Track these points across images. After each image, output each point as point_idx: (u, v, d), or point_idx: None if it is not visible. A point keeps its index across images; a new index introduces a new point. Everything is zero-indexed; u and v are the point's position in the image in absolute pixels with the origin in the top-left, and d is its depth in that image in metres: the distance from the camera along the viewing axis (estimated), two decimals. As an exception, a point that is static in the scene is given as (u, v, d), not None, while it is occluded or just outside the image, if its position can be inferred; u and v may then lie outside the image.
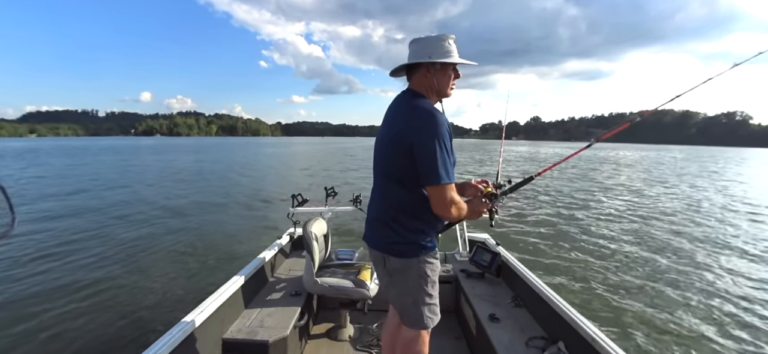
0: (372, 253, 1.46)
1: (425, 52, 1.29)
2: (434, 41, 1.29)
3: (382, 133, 1.37)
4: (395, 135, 1.27)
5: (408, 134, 1.23)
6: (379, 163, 1.37)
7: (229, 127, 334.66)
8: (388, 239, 1.34)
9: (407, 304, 1.39)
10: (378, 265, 1.44)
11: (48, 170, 17.82)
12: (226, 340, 1.85)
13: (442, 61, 1.28)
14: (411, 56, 1.32)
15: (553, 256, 5.49)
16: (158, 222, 7.22)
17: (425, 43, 1.30)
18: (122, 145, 57.23)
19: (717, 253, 5.81)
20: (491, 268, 2.55)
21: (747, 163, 35.81)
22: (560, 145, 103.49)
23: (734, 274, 4.95)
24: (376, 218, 1.40)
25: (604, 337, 1.52)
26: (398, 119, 1.30)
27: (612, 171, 21.96)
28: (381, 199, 1.38)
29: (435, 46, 1.29)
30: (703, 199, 11.73)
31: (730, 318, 3.70)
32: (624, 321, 3.57)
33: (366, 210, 1.75)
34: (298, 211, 3.01)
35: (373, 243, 1.42)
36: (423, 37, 1.32)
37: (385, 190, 1.35)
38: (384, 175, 1.35)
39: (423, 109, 1.25)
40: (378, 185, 1.40)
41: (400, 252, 1.33)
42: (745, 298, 4.17)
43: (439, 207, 1.26)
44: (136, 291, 4.00)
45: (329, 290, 2.18)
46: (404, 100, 1.33)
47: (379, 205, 1.39)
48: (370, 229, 1.45)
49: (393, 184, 1.32)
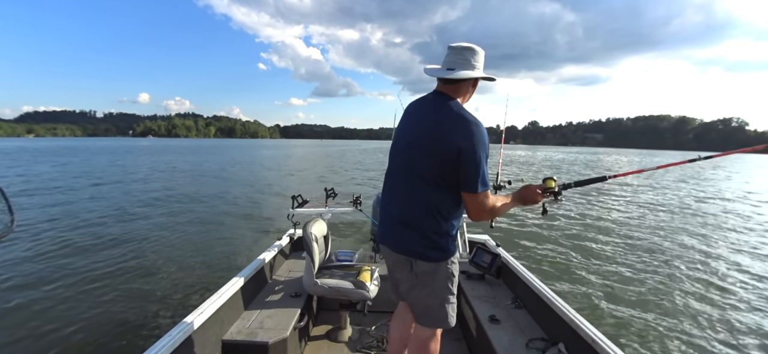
0: (392, 255, 1.41)
1: (481, 65, 1.34)
2: (483, 56, 1.35)
3: (416, 134, 1.32)
4: (439, 138, 1.25)
5: (457, 140, 1.22)
6: (410, 164, 1.32)
7: (228, 129, 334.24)
8: (419, 243, 1.32)
9: (434, 305, 1.38)
10: (401, 269, 1.39)
11: (47, 170, 17.70)
12: (226, 341, 1.84)
13: (483, 77, 1.35)
14: (469, 66, 1.30)
15: (553, 257, 5.50)
16: (157, 223, 7.18)
17: (481, 57, 1.33)
18: (116, 146, 56.98)
19: (718, 254, 5.83)
20: (491, 270, 2.55)
21: (746, 168, 36.08)
22: (557, 150, 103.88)
23: (735, 274, 4.98)
24: (399, 220, 1.36)
25: (605, 339, 1.52)
26: (442, 123, 1.27)
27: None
28: (409, 201, 1.33)
29: (482, 60, 1.35)
30: (703, 201, 11.81)
31: (731, 318, 3.72)
32: (624, 322, 3.58)
33: (371, 211, 1.76)
34: (298, 212, 3.00)
35: (397, 246, 1.37)
36: (477, 48, 1.33)
37: (417, 191, 1.31)
38: (416, 176, 1.31)
39: (472, 119, 1.26)
40: (404, 186, 1.35)
41: (432, 256, 1.32)
42: (745, 299, 4.20)
43: (479, 212, 1.29)
44: (134, 293, 3.97)
45: (329, 291, 2.18)
46: (445, 105, 1.30)
47: (405, 206, 1.34)
48: (390, 231, 1.40)
49: (426, 186, 1.29)
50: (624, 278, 4.73)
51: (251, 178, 15.98)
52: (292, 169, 21.29)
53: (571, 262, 5.28)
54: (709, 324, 3.63)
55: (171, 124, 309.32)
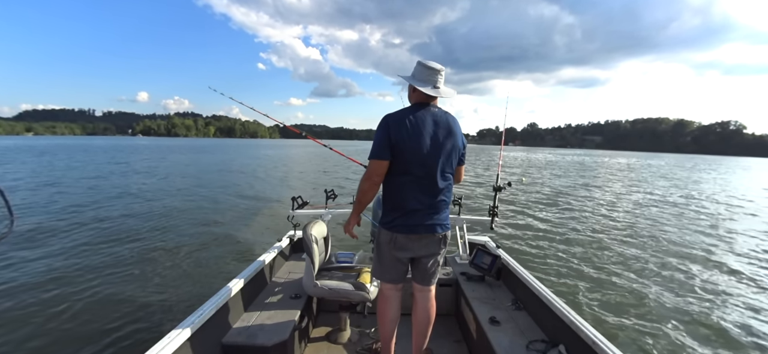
0: (432, 237, 1.73)
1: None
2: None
3: (444, 139, 1.66)
4: (459, 143, 1.73)
5: (463, 141, 1.77)
6: (438, 162, 1.66)
7: (227, 129, 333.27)
8: (447, 220, 1.76)
9: (440, 264, 1.85)
10: (435, 245, 1.75)
11: (45, 170, 17.64)
12: (226, 344, 1.83)
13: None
14: (446, 88, 1.72)
15: (554, 258, 5.51)
16: (156, 224, 7.16)
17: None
18: (114, 146, 56.82)
19: (718, 256, 5.84)
20: (491, 271, 2.56)
21: (746, 171, 36.19)
22: (554, 152, 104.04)
23: (735, 276, 4.99)
24: (430, 206, 1.69)
25: (605, 340, 1.53)
26: (457, 131, 1.72)
27: (612, 175, 22.12)
28: (438, 189, 1.69)
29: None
30: (704, 204, 11.84)
31: (731, 319, 3.72)
32: (625, 323, 3.58)
33: (371, 213, 1.79)
34: (298, 214, 3.00)
35: (433, 228, 1.71)
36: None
37: (442, 182, 1.69)
38: (443, 171, 1.69)
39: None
40: (430, 181, 1.67)
41: (450, 225, 1.81)
42: (746, 300, 4.21)
43: (462, 176, 1.91)
44: (132, 295, 3.94)
45: (329, 293, 2.18)
46: (448, 115, 1.72)
47: (441, 194, 1.70)
48: (427, 219, 1.69)
49: (447, 178, 1.73)
50: (624, 279, 4.74)
51: (250, 179, 15.96)
52: (292, 170, 21.27)
53: (571, 264, 5.28)
54: (710, 325, 3.64)
55: (170, 123, 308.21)
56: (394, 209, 1.69)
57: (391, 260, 1.76)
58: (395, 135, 1.60)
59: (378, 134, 1.63)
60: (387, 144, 1.60)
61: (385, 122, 1.63)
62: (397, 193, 1.68)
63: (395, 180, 1.66)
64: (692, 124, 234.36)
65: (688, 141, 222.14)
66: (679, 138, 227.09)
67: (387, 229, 1.72)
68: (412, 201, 1.66)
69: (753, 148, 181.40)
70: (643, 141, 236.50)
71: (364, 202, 1.75)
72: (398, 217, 1.68)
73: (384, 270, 1.81)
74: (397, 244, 1.71)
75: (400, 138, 1.60)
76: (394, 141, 1.60)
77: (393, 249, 1.73)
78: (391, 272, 1.80)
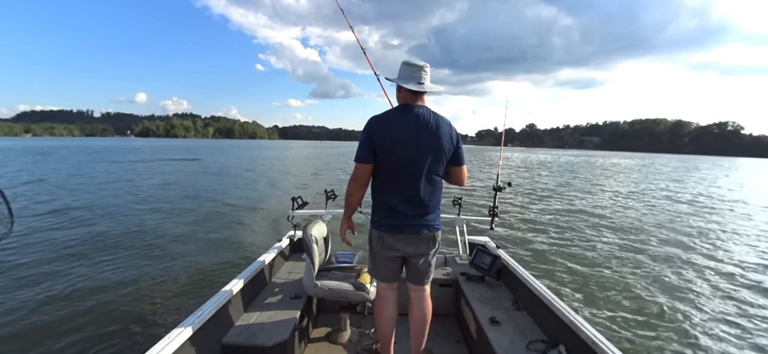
0: (418, 237, 1.71)
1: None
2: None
3: (429, 139, 1.61)
4: (447, 143, 1.65)
5: (456, 140, 1.70)
6: (423, 162, 1.63)
7: (226, 130, 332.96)
8: (435, 221, 1.74)
9: (432, 265, 1.82)
10: (423, 245, 1.74)
11: (45, 170, 17.59)
12: (226, 344, 1.82)
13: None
14: (431, 84, 1.68)
15: (554, 259, 5.51)
16: (155, 225, 7.15)
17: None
18: (112, 147, 56.70)
19: (719, 257, 5.86)
20: (491, 271, 2.56)
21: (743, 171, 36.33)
22: (553, 152, 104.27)
23: (735, 276, 5.00)
24: (420, 205, 1.67)
25: (605, 340, 1.53)
26: (444, 130, 1.65)
27: (612, 176, 22.17)
28: (429, 189, 1.67)
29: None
30: (704, 204, 11.88)
31: (731, 319, 3.73)
32: (625, 324, 3.58)
33: (370, 212, 1.79)
34: (298, 214, 3.00)
35: (419, 229, 1.70)
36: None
37: (433, 182, 1.68)
38: (429, 171, 1.65)
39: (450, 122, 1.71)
40: (413, 182, 1.64)
41: (439, 226, 1.77)
42: (747, 300, 4.22)
43: (465, 178, 1.80)
44: (132, 295, 3.94)
45: (329, 293, 2.18)
46: (437, 115, 1.67)
47: (426, 195, 1.67)
48: (412, 220, 1.68)
49: (434, 179, 1.68)
50: (625, 279, 4.74)
51: (250, 180, 15.94)
52: (292, 170, 21.25)
53: (571, 264, 5.29)
54: (710, 325, 3.64)
55: (169, 124, 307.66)
56: (380, 209, 1.72)
57: (382, 259, 1.78)
58: (377, 137, 1.61)
59: (361, 137, 1.65)
60: (369, 147, 1.62)
61: (368, 125, 1.65)
62: (381, 194, 1.70)
63: (380, 181, 1.69)
64: (690, 125, 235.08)
65: (686, 142, 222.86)
66: (677, 138, 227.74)
67: (375, 228, 1.75)
68: (396, 201, 1.66)
69: (751, 148, 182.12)
70: (642, 142, 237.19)
71: (352, 204, 1.77)
72: (384, 217, 1.70)
73: (377, 269, 1.83)
74: (384, 243, 1.73)
75: (382, 140, 1.60)
76: (376, 143, 1.61)
77: (382, 248, 1.75)
78: (384, 271, 1.81)
